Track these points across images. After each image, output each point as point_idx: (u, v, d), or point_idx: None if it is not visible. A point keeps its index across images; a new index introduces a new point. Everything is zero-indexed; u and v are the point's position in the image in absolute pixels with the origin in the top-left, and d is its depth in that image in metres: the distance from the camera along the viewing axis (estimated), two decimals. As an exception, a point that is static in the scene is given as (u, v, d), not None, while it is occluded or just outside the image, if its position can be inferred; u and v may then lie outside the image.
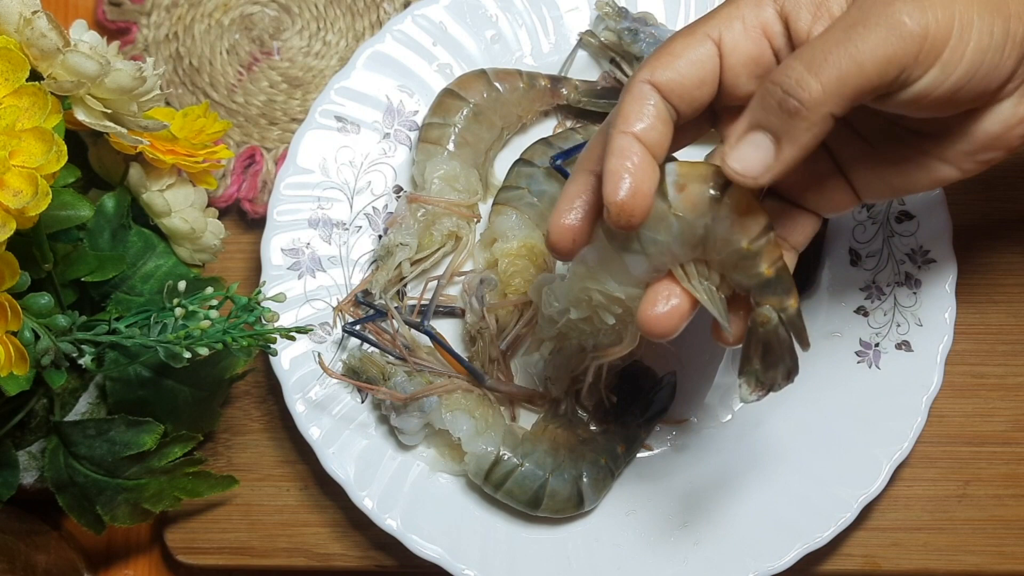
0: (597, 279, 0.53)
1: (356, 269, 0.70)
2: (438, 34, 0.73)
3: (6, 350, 0.53)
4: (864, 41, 0.45)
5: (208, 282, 0.63)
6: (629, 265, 0.51)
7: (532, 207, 0.69)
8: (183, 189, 0.63)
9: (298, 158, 0.70)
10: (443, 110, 0.70)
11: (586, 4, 0.73)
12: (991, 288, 0.72)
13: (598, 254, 0.52)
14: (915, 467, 0.69)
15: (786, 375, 0.53)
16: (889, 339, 0.68)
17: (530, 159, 0.71)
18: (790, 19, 0.49)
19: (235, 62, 0.77)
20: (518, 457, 0.65)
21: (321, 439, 0.66)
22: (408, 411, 0.66)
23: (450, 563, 0.65)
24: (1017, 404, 0.70)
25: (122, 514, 0.63)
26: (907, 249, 0.69)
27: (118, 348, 0.59)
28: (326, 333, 0.69)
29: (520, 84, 0.71)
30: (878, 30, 0.45)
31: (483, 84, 0.71)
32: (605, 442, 0.67)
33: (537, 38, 0.73)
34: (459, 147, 0.70)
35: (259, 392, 0.72)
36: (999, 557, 0.68)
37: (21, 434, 0.63)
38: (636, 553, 0.66)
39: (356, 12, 0.78)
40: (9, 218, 0.50)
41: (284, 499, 0.70)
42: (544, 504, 0.65)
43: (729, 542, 0.65)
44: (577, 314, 0.55)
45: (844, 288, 0.69)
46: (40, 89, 0.52)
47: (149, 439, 0.61)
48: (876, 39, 0.45)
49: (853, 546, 0.68)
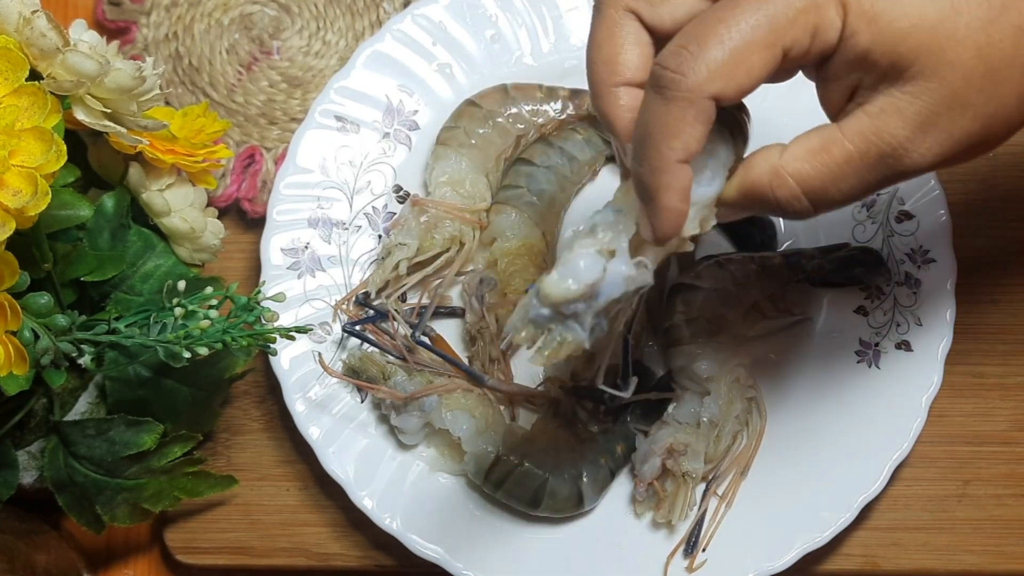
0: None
1: (356, 269, 0.70)
2: (438, 34, 0.73)
3: (6, 350, 0.53)
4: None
5: (208, 282, 0.63)
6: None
7: (531, 206, 0.69)
8: (183, 189, 0.63)
9: (298, 158, 0.70)
10: (458, 116, 0.71)
11: (586, 4, 0.73)
12: (991, 288, 0.72)
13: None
14: (915, 467, 0.69)
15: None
16: (889, 339, 0.68)
17: (530, 158, 0.71)
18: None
19: (235, 62, 0.77)
20: (518, 457, 0.65)
21: (321, 439, 0.66)
22: (408, 410, 0.66)
23: (450, 563, 0.65)
24: (1017, 404, 0.70)
25: (122, 514, 0.63)
26: (907, 249, 0.69)
27: (118, 348, 0.59)
28: (326, 333, 0.69)
29: (538, 94, 0.71)
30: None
31: (501, 95, 0.71)
32: (605, 442, 0.67)
33: (537, 38, 0.73)
34: (468, 148, 0.70)
35: (259, 392, 0.71)
36: (999, 557, 0.68)
37: (21, 434, 0.63)
38: (636, 553, 0.66)
39: (356, 12, 0.78)
40: (9, 218, 0.50)
41: (284, 499, 0.70)
42: (544, 504, 0.65)
43: (729, 542, 0.65)
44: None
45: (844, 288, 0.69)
46: (40, 89, 0.52)
47: (149, 439, 0.61)
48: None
49: (853, 546, 0.68)
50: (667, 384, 0.68)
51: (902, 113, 0.45)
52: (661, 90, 0.44)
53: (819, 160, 0.46)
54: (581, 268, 0.47)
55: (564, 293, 0.46)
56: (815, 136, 0.47)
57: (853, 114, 0.46)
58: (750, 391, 0.67)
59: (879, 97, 0.46)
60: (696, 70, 0.43)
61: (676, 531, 0.66)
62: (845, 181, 0.46)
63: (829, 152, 0.46)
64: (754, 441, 0.67)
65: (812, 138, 0.47)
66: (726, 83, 0.44)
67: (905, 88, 0.45)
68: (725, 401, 0.66)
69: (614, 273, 0.47)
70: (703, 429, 0.65)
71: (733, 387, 0.66)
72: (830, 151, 0.46)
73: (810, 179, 0.46)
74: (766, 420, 0.67)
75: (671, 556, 0.65)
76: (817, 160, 0.46)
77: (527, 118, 0.71)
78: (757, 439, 0.67)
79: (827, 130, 0.47)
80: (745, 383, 0.67)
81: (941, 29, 0.44)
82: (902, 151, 0.46)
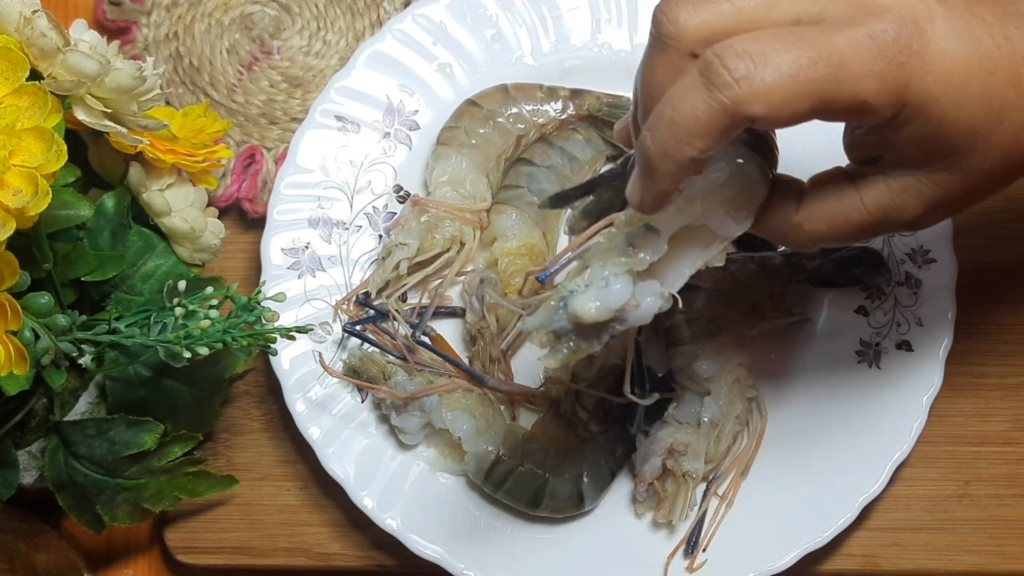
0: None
1: (356, 269, 0.70)
2: (438, 33, 0.73)
3: (6, 350, 0.53)
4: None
5: (208, 282, 0.63)
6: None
7: (532, 206, 0.69)
8: (183, 188, 0.63)
9: (298, 157, 0.70)
10: (458, 116, 0.71)
11: (586, 4, 0.73)
12: (991, 288, 0.72)
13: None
14: (915, 467, 0.68)
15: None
16: (889, 339, 0.68)
17: (530, 158, 0.71)
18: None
19: (235, 61, 0.77)
20: (518, 457, 0.65)
21: (321, 439, 0.66)
22: (408, 410, 0.66)
23: (450, 563, 0.65)
24: (1017, 404, 0.70)
25: (122, 514, 0.63)
26: (907, 249, 0.69)
27: (118, 348, 0.59)
28: (326, 333, 0.69)
29: (539, 94, 0.71)
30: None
31: (501, 95, 0.71)
32: (605, 442, 0.67)
33: (537, 37, 0.73)
34: (469, 148, 0.70)
35: (259, 392, 0.71)
36: (999, 557, 0.68)
37: (21, 434, 0.63)
38: (636, 553, 0.66)
39: (356, 11, 0.78)
40: (9, 218, 0.50)
41: (284, 499, 0.70)
42: (544, 504, 0.65)
43: (729, 542, 0.65)
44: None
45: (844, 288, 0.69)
46: (40, 88, 0.52)
47: (149, 439, 0.61)
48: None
49: (853, 546, 0.68)
50: (667, 384, 0.68)
51: (922, 195, 0.48)
52: (710, 87, 0.43)
53: (837, 224, 0.50)
54: (614, 293, 0.48)
55: (595, 318, 0.48)
56: (833, 199, 0.49)
57: (875, 184, 0.49)
58: (751, 391, 0.67)
59: (905, 177, 0.48)
60: (749, 86, 0.43)
61: (676, 531, 0.66)
62: (853, 238, 0.50)
63: (847, 218, 0.49)
64: (754, 441, 0.67)
65: (830, 200, 0.49)
66: (768, 113, 0.43)
67: (932, 176, 0.47)
68: (725, 401, 0.66)
69: (647, 305, 0.49)
70: (703, 429, 0.65)
71: (734, 387, 0.66)
72: (848, 218, 0.49)
73: (825, 237, 0.50)
74: (766, 420, 0.67)
75: (671, 556, 0.65)
76: (835, 223, 0.50)
77: (527, 118, 0.71)
78: (757, 439, 0.67)
79: (847, 195, 0.49)
80: (746, 383, 0.67)
81: (981, 135, 0.46)
82: (910, 223, 0.49)
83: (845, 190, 0.49)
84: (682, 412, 0.66)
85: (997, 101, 0.46)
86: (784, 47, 0.43)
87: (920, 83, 0.44)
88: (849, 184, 0.49)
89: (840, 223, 0.49)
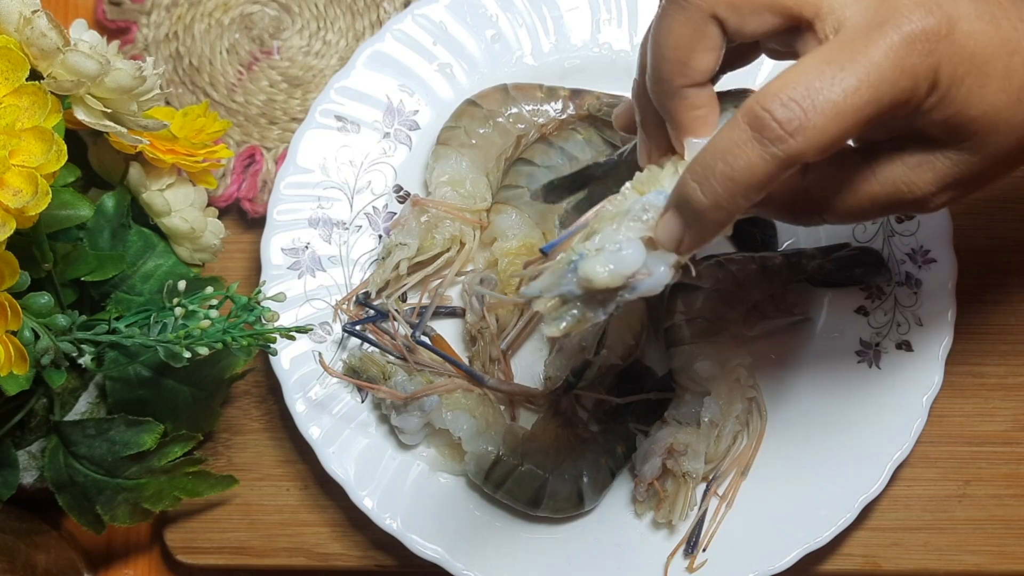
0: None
1: (356, 269, 0.70)
2: (438, 33, 0.73)
3: (6, 350, 0.53)
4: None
5: (208, 282, 0.63)
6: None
7: (532, 206, 0.69)
8: (183, 188, 0.63)
9: (298, 157, 0.70)
10: (458, 116, 0.71)
11: (586, 4, 0.73)
12: (992, 288, 0.72)
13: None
14: (915, 467, 0.69)
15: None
16: (889, 339, 0.68)
17: (530, 158, 0.71)
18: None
19: (235, 61, 0.77)
20: (518, 457, 0.65)
21: (321, 439, 0.66)
22: (408, 410, 0.66)
23: (450, 563, 0.65)
24: (1017, 404, 0.70)
25: (122, 514, 0.63)
26: (907, 249, 0.69)
27: (118, 348, 0.59)
28: (326, 333, 0.69)
29: (539, 94, 0.71)
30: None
31: (501, 95, 0.71)
32: (605, 442, 0.67)
33: (537, 38, 0.73)
34: (469, 148, 0.70)
35: (259, 392, 0.71)
36: (999, 557, 0.68)
37: (21, 434, 0.63)
38: (636, 553, 0.66)
39: (356, 11, 0.78)
40: (9, 217, 0.50)
41: (284, 499, 0.70)
42: (544, 504, 0.65)
43: (729, 542, 0.65)
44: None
45: (844, 288, 0.69)
46: (40, 88, 0.52)
47: (149, 439, 0.61)
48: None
49: (853, 546, 0.68)
50: (667, 384, 0.68)
51: (936, 171, 0.47)
52: (764, 142, 0.43)
53: (844, 193, 0.49)
54: (627, 258, 0.46)
55: (606, 283, 0.46)
56: (843, 168, 0.48)
57: (890, 159, 0.48)
58: (751, 391, 0.67)
59: (920, 153, 0.47)
60: (804, 136, 0.43)
61: (676, 531, 0.66)
62: (860, 213, 0.49)
63: (855, 189, 0.48)
64: (754, 441, 0.67)
65: (839, 168, 0.48)
66: (822, 152, 0.43)
67: (948, 153, 0.47)
68: (725, 401, 0.66)
69: (659, 275, 0.46)
70: (704, 429, 0.65)
71: (734, 387, 0.66)
72: (856, 188, 0.48)
73: (831, 205, 0.49)
74: (766, 420, 0.67)
75: (671, 556, 0.65)
76: (842, 193, 0.49)
77: (527, 118, 0.71)
78: (757, 439, 0.67)
79: (858, 167, 0.48)
80: (746, 383, 0.67)
81: (1004, 115, 0.46)
82: (921, 200, 0.48)
83: (856, 161, 0.49)
84: (682, 412, 0.66)
85: (1017, 82, 0.46)
86: (827, 83, 0.43)
87: (948, 65, 0.45)
88: (859, 156, 0.49)
89: (848, 193, 0.49)
